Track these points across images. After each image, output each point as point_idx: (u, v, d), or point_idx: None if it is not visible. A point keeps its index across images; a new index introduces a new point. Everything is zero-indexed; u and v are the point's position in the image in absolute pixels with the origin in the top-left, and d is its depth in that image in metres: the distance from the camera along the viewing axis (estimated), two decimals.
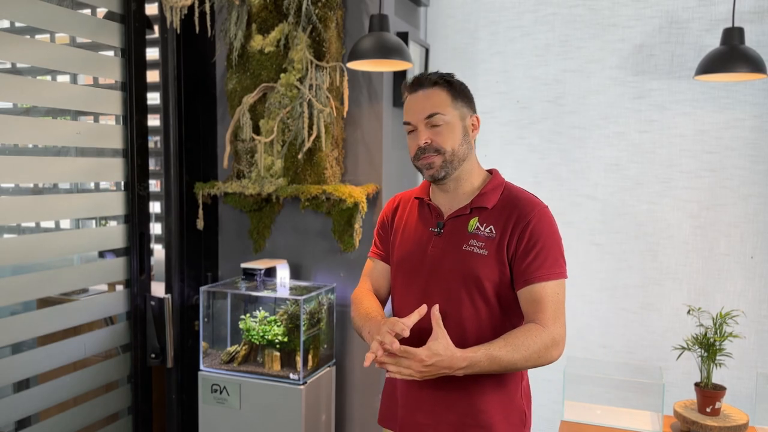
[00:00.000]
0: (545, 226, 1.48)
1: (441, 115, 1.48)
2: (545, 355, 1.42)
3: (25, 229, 2.94)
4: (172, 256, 2.53)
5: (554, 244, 1.48)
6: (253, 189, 2.48)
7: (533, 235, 1.45)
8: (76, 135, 2.27)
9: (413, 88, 1.52)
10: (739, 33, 2.09)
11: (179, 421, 2.58)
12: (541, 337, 1.41)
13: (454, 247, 1.51)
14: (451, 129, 1.49)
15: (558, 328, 1.45)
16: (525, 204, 1.50)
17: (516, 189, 1.56)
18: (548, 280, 1.45)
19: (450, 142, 1.48)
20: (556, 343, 1.44)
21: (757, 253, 2.47)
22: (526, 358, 1.40)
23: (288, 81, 2.42)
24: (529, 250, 1.45)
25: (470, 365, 1.37)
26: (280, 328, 2.36)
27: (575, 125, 2.70)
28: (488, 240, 1.48)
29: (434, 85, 1.50)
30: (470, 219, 1.51)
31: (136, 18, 2.37)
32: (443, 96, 1.49)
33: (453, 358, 1.35)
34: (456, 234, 1.52)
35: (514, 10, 2.78)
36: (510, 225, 1.47)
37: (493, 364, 1.38)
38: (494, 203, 1.51)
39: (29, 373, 2.14)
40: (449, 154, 1.49)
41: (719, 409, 2.03)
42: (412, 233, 1.60)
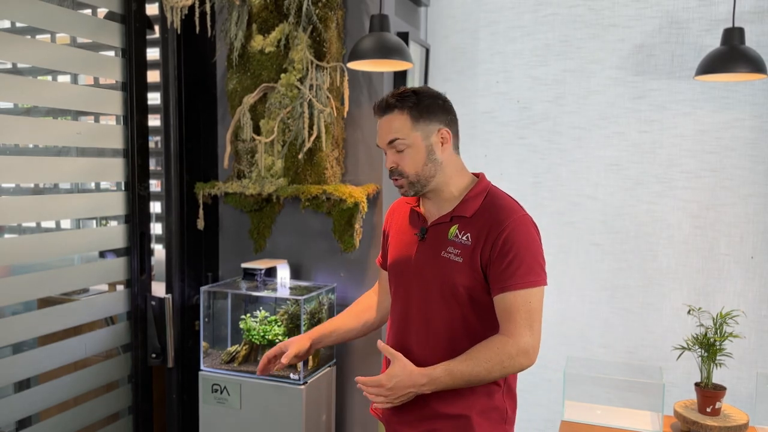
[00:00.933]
0: (520, 234, 1.48)
1: (401, 140, 1.50)
2: (510, 365, 1.44)
3: (26, 229, 2.94)
4: (173, 256, 2.53)
5: (528, 253, 1.47)
6: (254, 189, 2.48)
7: (506, 244, 1.46)
8: (77, 135, 2.27)
9: (377, 112, 1.55)
10: (739, 33, 2.09)
11: (180, 421, 2.58)
12: (505, 348, 1.43)
13: (434, 254, 1.55)
14: (414, 152, 1.51)
15: (526, 337, 1.44)
16: (501, 212, 1.51)
17: (498, 196, 1.56)
18: (520, 288, 1.45)
19: (412, 165, 1.52)
20: (523, 352, 1.44)
21: (757, 253, 2.47)
22: (489, 370, 1.43)
23: (288, 81, 2.42)
24: (502, 258, 1.46)
25: (430, 381, 1.42)
26: (280, 328, 2.36)
27: (575, 125, 2.70)
28: (464, 247, 1.51)
29: (394, 109, 1.51)
30: (451, 227, 1.55)
31: (136, 18, 2.37)
32: (403, 119, 1.50)
33: (411, 376, 1.42)
34: (437, 241, 1.56)
35: (514, 10, 2.78)
36: (485, 233, 1.49)
37: (455, 379, 1.42)
38: (474, 211, 1.53)
39: (30, 373, 2.14)
40: (413, 177, 1.53)
41: (719, 409, 2.04)
42: (402, 239, 1.66)
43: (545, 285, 1.49)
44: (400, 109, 1.51)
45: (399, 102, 1.51)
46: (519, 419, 2.83)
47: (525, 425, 2.86)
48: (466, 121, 2.57)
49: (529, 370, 2.72)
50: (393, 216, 1.75)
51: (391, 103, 1.51)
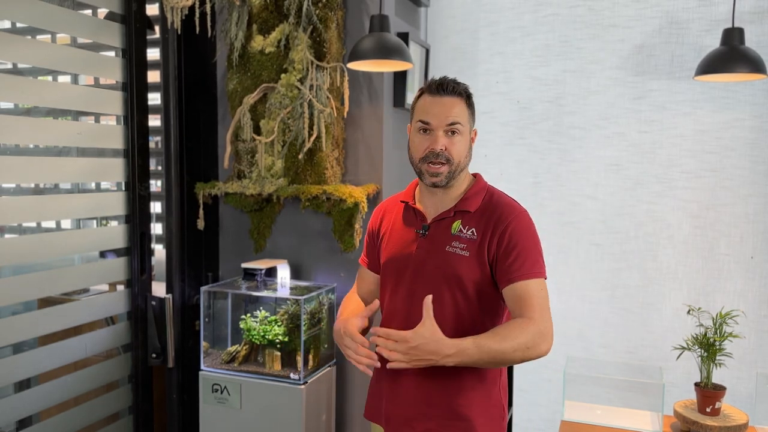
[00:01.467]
0: (524, 229, 1.53)
1: (461, 125, 1.53)
2: (534, 348, 1.44)
3: (27, 229, 2.94)
4: (173, 256, 2.53)
5: (533, 246, 1.53)
6: (254, 189, 2.49)
7: (512, 238, 1.51)
8: (77, 135, 2.27)
9: (438, 90, 1.54)
10: (739, 33, 2.10)
11: (180, 421, 2.58)
12: (530, 329, 1.44)
13: (437, 248, 1.57)
14: (464, 141, 1.56)
15: (545, 322, 1.47)
16: (504, 208, 1.56)
17: (497, 194, 1.62)
18: (530, 278, 1.49)
19: (460, 153, 1.54)
20: (544, 336, 1.45)
21: (756, 253, 2.47)
22: (515, 348, 1.42)
23: (288, 81, 2.42)
24: (509, 251, 1.50)
25: (458, 352, 1.39)
26: (280, 328, 2.36)
27: (575, 125, 2.71)
28: (470, 242, 1.54)
29: (459, 95, 1.54)
30: (454, 222, 1.58)
31: (136, 18, 2.37)
32: (464, 108, 1.55)
33: (439, 343, 1.38)
34: (440, 236, 1.58)
35: (514, 11, 2.78)
36: (490, 228, 1.53)
37: (482, 353, 1.40)
38: (476, 207, 1.57)
39: (30, 373, 2.14)
40: (455, 165, 1.54)
41: (719, 409, 2.04)
42: (398, 236, 1.66)
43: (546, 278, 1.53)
44: (461, 97, 1.54)
45: (464, 90, 1.56)
46: (519, 419, 2.85)
47: (525, 425, 2.86)
48: None
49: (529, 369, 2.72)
50: (384, 215, 1.74)
51: (458, 88, 1.54)
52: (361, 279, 1.83)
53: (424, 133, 1.55)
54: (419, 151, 1.55)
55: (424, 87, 1.59)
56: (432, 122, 1.53)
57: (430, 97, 1.55)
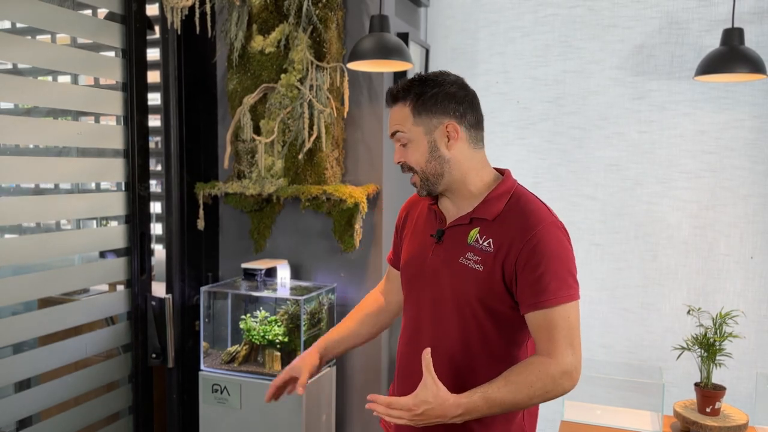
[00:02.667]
0: (551, 243, 1.32)
1: (402, 134, 1.40)
2: (554, 389, 1.29)
3: (26, 230, 2.94)
4: (173, 256, 2.53)
5: (561, 265, 1.32)
6: (254, 189, 2.49)
7: (535, 255, 1.31)
8: (77, 135, 2.27)
9: (387, 103, 1.44)
10: (739, 33, 2.10)
11: (180, 421, 2.58)
12: (548, 371, 1.28)
13: (451, 259, 1.40)
14: (416, 147, 1.39)
15: (568, 357, 1.29)
16: (529, 217, 1.35)
17: (525, 198, 1.40)
18: (555, 305, 1.30)
19: (415, 160, 1.40)
20: (566, 374, 1.29)
21: (756, 254, 2.47)
22: (531, 396, 1.27)
23: (288, 81, 2.42)
24: (532, 271, 1.31)
25: (466, 412, 1.25)
26: (280, 328, 2.36)
27: (575, 126, 2.71)
28: (485, 254, 1.36)
29: (398, 100, 1.40)
30: (471, 229, 1.40)
31: (136, 18, 2.37)
32: (405, 111, 1.39)
33: (444, 406, 1.25)
34: (455, 245, 1.41)
35: (514, 11, 2.78)
36: (508, 241, 1.34)
37: (492, 407, 1.26)
38: (496, 213, 1.38)
39: (30, 373, 2.14)
40: (421, 173, 1.41)
41: (719, 409, 2.04)
42: (418, 238, 1.51)
43: (578, 298, 1.34)
44: (403, 100, 1.39)
45: (403, 92, 1.39)
46: None
47: None
48: None
49: None
50: (410, 210, 1.59)
51: (395, 94, 1.41)
52: (387, 275, 1.70)
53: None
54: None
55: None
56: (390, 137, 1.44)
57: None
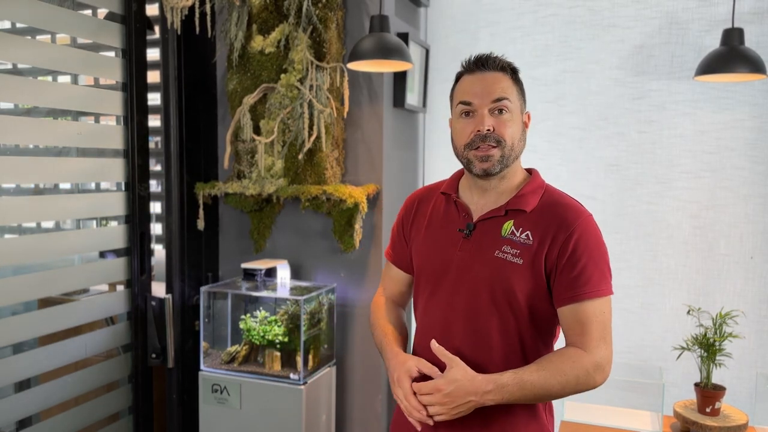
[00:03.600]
0: (591, 237, 1.32)
1: (508, 101, 1.34)
2: (585, 381, 1.28)
3: (26, 230, 2.94)
4: (173, 257, 2.53)
5: (601, 258, 1.32)
6: (254, 189, 2.49)
7: (578, 248, 1.29)
8: (77, 135, 2.27)
9: (477, 66, 1.36)
10: (739, 34, 2.10)
11: (180, 421, 2.58)
12: (582, 362, 1.27)
13: (484, 253, 1.35)
14: (515, 120, 1.35)
15: (602, 351, 1.29)
16: (568, 211, 1.34)
17: (558, 193, 1.40)
18: (594, 298, 1.29)
19: (511, 133, 1.34)
20: (599, 368, 1.28)
21: (756, 254, 2.47)
22: (563, 385, 1.25)
23: (288, 81, 2.42)
24: (573, 264, 1.29)
25: (497, 388, 1.24)
26: (280, 328, 2.36)
27: (575, 126, 2.71)
28: (524, 247, 1.32)
29: (501, 70, 1.36)
30: (505, 222, 1.35)
31: (136, 19, 2.37)
32: (510, 83, 1.36)
33: (474, 382, 1.24)
34: (487, 238, 1.36)
35: (514, 11, 2.78)
36: (550, 233, 1.31)
37: (524, 389, 1.24)
38: (533, 206, 1.35)
39: (30, 373, 2.14)
40: (508, 148, 1.34)
41: (719, 409, 2.04)
42: (437, 235, 1.43)
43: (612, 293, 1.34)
44: (505, 72, 1.36)
45: (508, 64, 1.37)
46: None
47: None
48: None
49: None
50: (420, 205, 1.51)
51: (500, 62, 1.36)
52: (388, 278, 1.60)
53: (466, 116, 1.35)
54: (463, 136, 1.34)
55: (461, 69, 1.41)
56: (474, 101, 1.33)
57: (469, 76, 1.37)
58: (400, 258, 1.56)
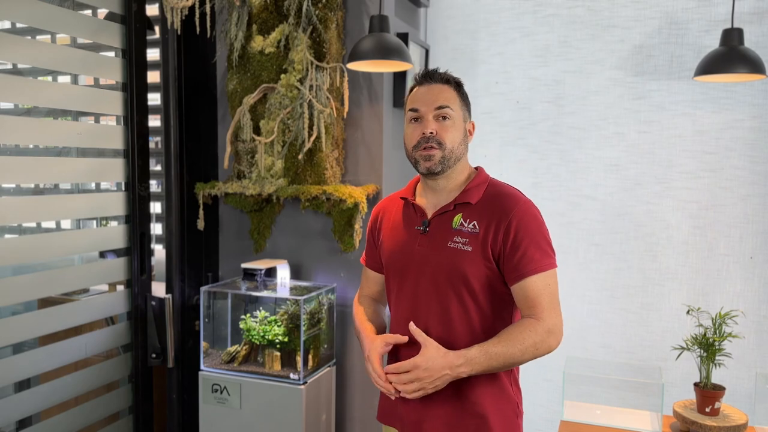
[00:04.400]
0: (530, 219, 1.49)
1: (450, 110, 1.52)
2: (542, 346, 1.45)
3: (26, 230, 2.95)
4: (173, 257, 2.53)
5: (541, 237, 1.49)
6: (254, 189, 2.49)
7: (519, 231, 1.47)
8: (77, 135, 2.27)
9: (425, 79, 1.56)
10: (739, 34, 2.10)
11: (180, 421, 2.59)
12: (536, 330, 1.44)
13: (439, 245, 1.53)
14: (456, 126, 1.53)
15: (553, 318, 1.47)
16: (507, 200, 1.52)
17: (500, 185, 1.58)
18: (539, 272, 1.46)
19: (451, 138, 1.52)
20: (551, 332, 1.46)
21: (756, 254, 2.47)
22: (523, 351, 1.43)
23: (288, 82, 2.42)
24: (516, 246, 1.46)
25: (467, 361, 1.41)
26: (280, 328, 2.36)
27: (575, 126, 2.71)
28: (472, 236, 1.50)
29: (446, 83, 1.55)
30: (454, 215, 1.53)
31: (136, 19, 2.37)
32: (453, 94, 1.55)
33: (447, 357, 1.42)
34: (441, 231, 1.54)
35: (513, 11, 2.78)
36: (494, 221, 1.49)
37: (491, 359, 1.42)
38: (478, 199, 1.53)
39: (30, 373, 2.15)
40: (448, 151, 1.52)
41: (718, 409, 2.04)
42: (399, 234, 1.62)
43: (557, 267, 1.51)
44: (448, 84, 1.55)
45: (447, 78, 1.56)
46: None
47: (525, 425, 2.85)
48: None
49: (528, 369, 2.72)
50: (384, 214, 1.71)
51: (444, 76, 1.56)
52: (366, 279, 1.81)
53: (415, 122, 1.55)
54: (412, 139, 1.55)
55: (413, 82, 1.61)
56: (421, 109, 1.53)
57: (419, 88, 1.57)
58: (373, 261, 1.76)
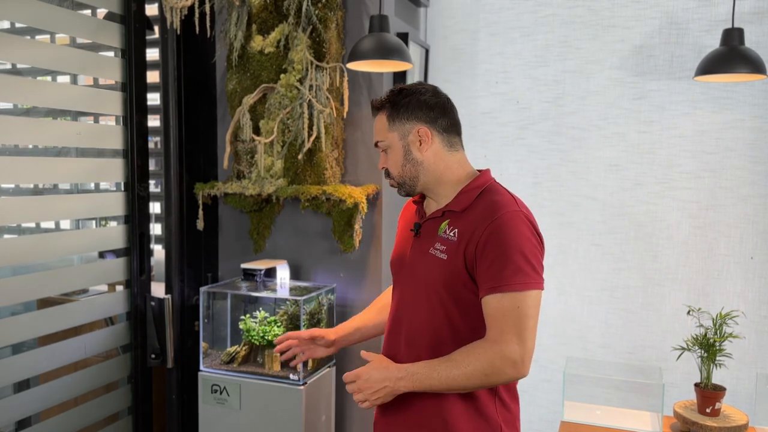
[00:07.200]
0: (508, 231, 1.35)
1: (381, 142, 1.52)
2: (493, 374, 1.32)
3: (26, 230, 2.94)
4: (173, 257, 2.53)
5: (516, 251, 1.33)
6: (253, 189, 2.48)
7: (490, 242, 1.35)
8: (77, 135, 2.27)
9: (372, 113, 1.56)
10: (739, 34, 2.10)
11: (179, 422, 2.58)
12: (487, 354, 1.32)
13: (423, 251, 1.50)
14: (393, 153, 1.51)
15: (512, 345, 1.30)
16: (490, 207, 1.40)
17: (494, 191, 1.46)
18: (507, 291, 1.32)
19: (393, 166, 1.52)
20: (509, 362, 1.31)
21: (756, 254, 2.47)
22: (468, 376, 1.33)
23: (288, 82, 2.42)
24: (485, 257, 1.35)
25: (407, 375, 1.39)
26: (280, 328, 2.36)
27: (575, 126, 2.71)
28: (449, 243, 1.43)
29: (378, 111, 1.53)
30: (442, 222, 1.48)
31: (136, 19, 2.37)
32: (383, 120, 1.51)
33: (388, 369, 1.42)
34: (428, 237, 1.50)
35: (513, 11, 2.78)
36: (471, 229, 1.40)
37: (431, 378, 1.36)
38: (465, 206, 1.44)
39: (30, 374, 2.14)
40: (398, 177, 1.52)
41: (719, 409, 2.04)
42: (403, 235, 1.63)
43: (539, 289, 1.35)
44: (381, 111, 1.52)
45: (381, 103, 1.52)
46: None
47: (525, 426, 2.86)
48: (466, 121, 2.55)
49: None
50: (403, 214, 1.70)
51: (374, 105, 1.54)
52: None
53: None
54: None
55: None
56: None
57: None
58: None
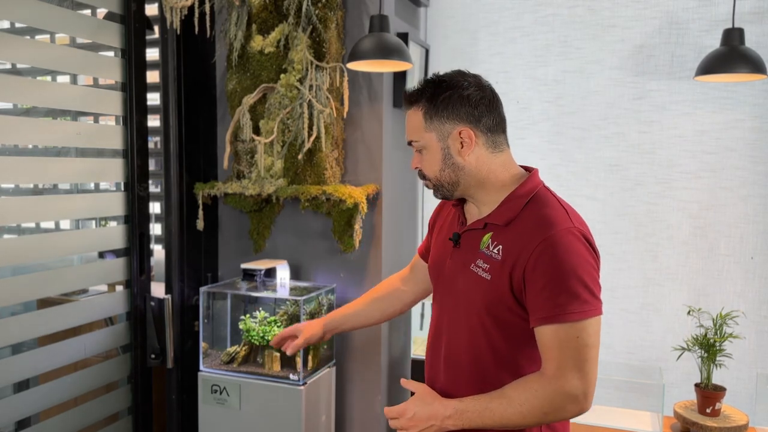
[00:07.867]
0: (561, 252, 1.19)
1: (416, 142, 1.35)
2: (554, 412, 1.20)
3: (25, 230, 2.94)
4: (172, 257, 2.53)
5: (571, 276, 1.19)
6: (253, 189, 2.48)
7: (540, 264, 1.20)
8: (76, 135, 2.27)
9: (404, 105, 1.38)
10: (739, 33, 2.10)
11: (179, 422, 2.58)
12: (545, 391, 1.20)
13: (464, 265, 1.33)
14: (430, 155, 1.34)
15: (573, 380, 1.18)
16: (540, 223, 1.24)
17: (544, 202, 1.30)
18: (563, 321, 1.19)
19: (429, 169, 1.35)
20: (570, 398, 1.18)
21: (756, 254, 2.47)
22: (524, 415, 1.20)
23: (288, 81, 2.42)
24: (535, 282, 1.20)
25: (456, 413, 1.25)
26: (280, 328, 2.36)
27: (575, 126, 2.70)
28: (493, 262, 1.27)
29: (412, 104, 1.34)
30: (484, 235, 1.31)
31: (136, 18, 2.37)
32: (418, 118, 1.33)
33: (433, 405, 1.29)
34: (469, 249, 1.34)
35: (513, 11, 2.78)
36: (518, 248, 1.23)
37: (484, 417, 1.23)
38: (510, 218, 1.28)
39: (29, 374, 2.14)
40: (434, 180, 1.35)
41: (719, 409, 2.04)
42: (442, 239, 1.46)
43: (599, 314, 1.23)
44: (417, 104, 1.33)
45: (417, 95, 1.33)
46: None
47: None
48: None
49: None
50: (443, 208, 1.54)
51: (408, 97, 1.35)
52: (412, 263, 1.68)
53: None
54: None
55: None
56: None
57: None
58: (423, 247, 1.62)
